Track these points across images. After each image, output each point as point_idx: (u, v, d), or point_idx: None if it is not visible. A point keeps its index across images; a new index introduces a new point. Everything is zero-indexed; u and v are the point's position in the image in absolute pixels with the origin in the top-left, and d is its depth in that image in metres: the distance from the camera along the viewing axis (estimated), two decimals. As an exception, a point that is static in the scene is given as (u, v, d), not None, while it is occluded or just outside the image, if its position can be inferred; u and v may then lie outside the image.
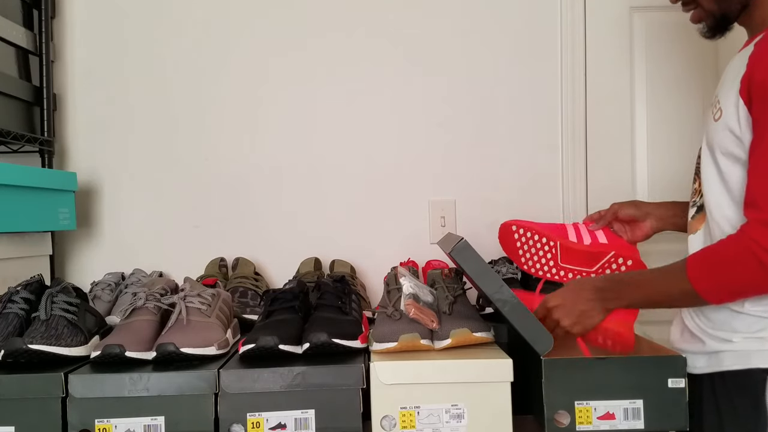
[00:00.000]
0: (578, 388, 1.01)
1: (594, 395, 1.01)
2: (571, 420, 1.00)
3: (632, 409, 1.01)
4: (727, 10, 1.04)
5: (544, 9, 1.70)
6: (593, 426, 1.00)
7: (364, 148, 1.71)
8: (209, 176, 1.71)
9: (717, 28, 1.07)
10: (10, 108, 1.51)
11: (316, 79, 1.70)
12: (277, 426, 0.99)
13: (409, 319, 1.09)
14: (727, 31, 1.07)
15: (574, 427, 1.00)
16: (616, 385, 1.01)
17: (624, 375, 1.01)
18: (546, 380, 1.01)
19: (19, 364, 1.03)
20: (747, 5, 1.02)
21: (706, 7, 1.05)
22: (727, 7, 1.03)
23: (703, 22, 1.08)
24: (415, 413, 1.01)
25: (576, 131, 1.70)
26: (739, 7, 1.03)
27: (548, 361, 1.01)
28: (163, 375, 0.99)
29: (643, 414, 1.00)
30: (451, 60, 1.71)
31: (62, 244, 1.70)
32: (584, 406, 1.01)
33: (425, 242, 1.70)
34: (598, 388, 1.01)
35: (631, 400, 1.01)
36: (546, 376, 1.01)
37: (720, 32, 1.07)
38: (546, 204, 1.71)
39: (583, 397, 1.01)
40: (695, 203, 1.09)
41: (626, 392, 1.01)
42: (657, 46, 1.71)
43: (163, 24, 1.71)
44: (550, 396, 1.01)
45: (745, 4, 1.02)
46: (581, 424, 1.00)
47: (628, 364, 1.02)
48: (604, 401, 1.01)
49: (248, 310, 1.39)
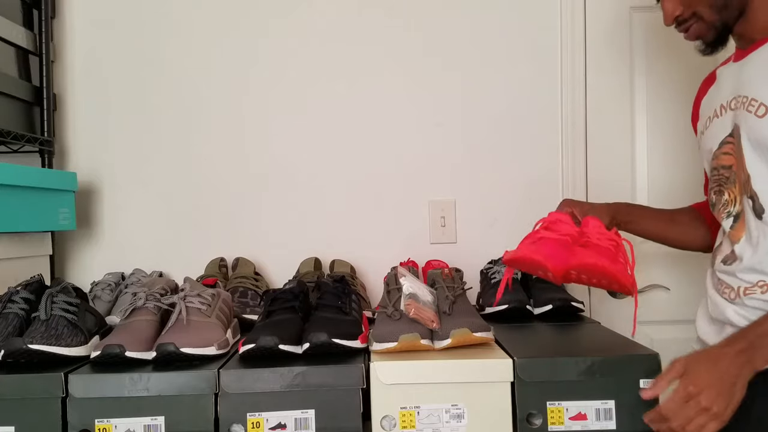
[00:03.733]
0: (550, 389, 1.01)
1: (566, 396, 1.01)
2: (543, 420, 1.00)
3: (604, 409, 1.00)
4: (728, 18, 1.04)
5: (544, 9, 1.70)
6: (565, 426, 1.00)
7: (365, 148, 1.71)
8: (209, 176, 1.71)
9: (717, 41, 1.07)
10: (10, 108, 1.51)
11: (316, 80, 1.71)
12: (277, 426, 0.99)
13: (409, 319, 1.09)
14: (726, 42, 1.07)
15: (546, 427, 1.00)
16: (589, 385, 1.01)
17: (596, 375, 1.01)
18: (518, 381, 1.01)
19: (19, 364, 1.03)
20: (743, 11, 1.03)
21: (707, 19, 1.04)
22: (727, 15, 1.03)
23: (701, 39, 1.07)
24: (415, 413, 1.01)
25: (576, 131, 1.70)
26: (737, 14, 1.03)
27: (520, 362, 1.01)
28: (163, 375, 0.99)
29: (615, 415, 1.00)
30: (450, 60, 1.71)
31: (62, 244, 1.70)
32: (556, 407, 1.00)
33: (425, 242, 1.70)
34: (570, 389, 1.01)
35: (603, 400, 1.00)
36: (517, 377, 1.01)
37: (721, 44, 1.07)
38: (546, 204, 1.70)
39: (554, 398, 1.01)
40: (729, 213, 1.07)
41: (598, 393, 1.01)
42: (657, 46, 1.71)
43: (164, 24, 1.71)
44: (522, 397, 1.00)
45: (742, 10, 1.03)
46: (553, 424, 1.00)
47: (600, 363, 1.01)
48: (576, 402, 1.01)
49: (248, 310, 1.39)
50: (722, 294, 1.08)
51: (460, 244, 1.71)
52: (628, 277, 1.05)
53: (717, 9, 1.03)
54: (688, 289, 1.67)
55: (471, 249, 1.69)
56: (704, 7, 1.04)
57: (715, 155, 1.09)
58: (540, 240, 1.10)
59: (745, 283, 1.03)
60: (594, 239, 1.08)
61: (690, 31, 1.07)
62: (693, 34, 1.08)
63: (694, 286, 1.65)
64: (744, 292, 1.03)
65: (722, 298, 1.08)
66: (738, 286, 1.04)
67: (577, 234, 1.10)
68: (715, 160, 1.09)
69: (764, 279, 1.00)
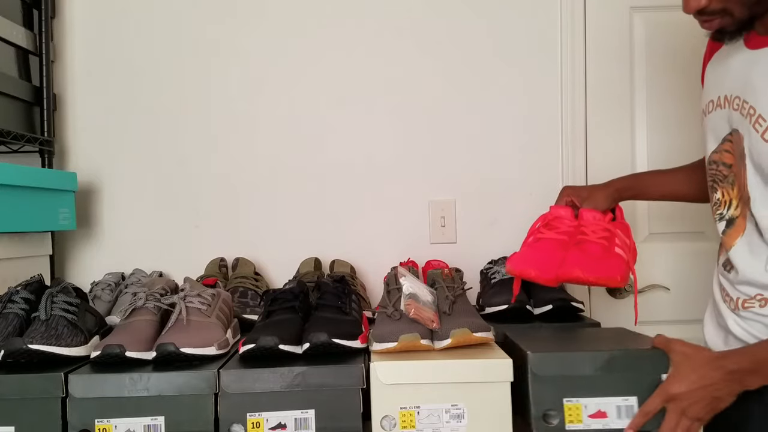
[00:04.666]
0: (567, 385, 0.97)
1: (584, 392, 0.97)
2: (560, 419, 0.96)
3: (625, 406, 0.97)
4: (758, 13, 0.95)
5: (544, 9, 1.71)
6: (584, 425, 0.96)
7: (364, 148, 1.71)
8: (209, 176, 1.71)
9: (737, 33, 0.99)
10: (10, 108, 1.51)
11: (315, 80, 1.71)
12: (277, 426, 0.99)
13: (409, 319, 1.09)
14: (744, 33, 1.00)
15: (563, 426, 0.96)
16: (607, 380, 0.96)
17: (615, 370, 0.97)
18: (532, 376, 0.97)
19: (19, 364, 1.03)
20: None
21: (737, 15, 0.95)
22: (758, 10, 0.95)
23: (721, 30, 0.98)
24: (415, 413, 1.01)
25: (576, 131, 1.70)
26: (766, 8, 0.95)
27: (534, 357, 0.98)
28: (163, 375, 0.99)
29: (637, 411, 0.96)
30: (451, 60, 1.71)
31: (62, 244, 1.70)
32: (574, 404, 0.97)
33: (425, 242, 1.70)
34: (589, 384, 0.97)
35: (624, 397, 0.97)
36: (531, 372, 0.97)
37: (738, 36, 1.00)
38: (546, 204, 1.71)
39: (572, 394, 0.97)
40: (722, 216, 1.04)
41: (618, 388, 0.96)
42: (657, 46, 1.71)
43: (163, 24, 1.71)
44: (537, 394, 0.97)
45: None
46: (571, 422, 0.96)
47: (620, 357, 0.98)
48: (595, 398, 0.97)
49: (248, 310, 1.39)
50: (724, 300, 1.07)
51: (460, 244, 1.71)
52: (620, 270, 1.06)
53: (749, 5, 0.94)
54: (688, 289, 1.67)
55: (471, 249, 1.69)
56: (736, 3, 0.94)
57: (718, 149, 1.05)
58: (539, 242, 1.13)
59: (743, 295, 1.01)
60: (589, 233, 1.12)
61: (713, 23, 0.98)
62: (715, 27, 0.98)
63: (694, 286, 1.66)
64: (743, 305, 1.01)
65: (725, 305, 1.06)
66: (737, 297, 1.03)
67: (575, 230, 1.11)
68: (717, 153, 1.05)
69: (762, 293, 0.99)
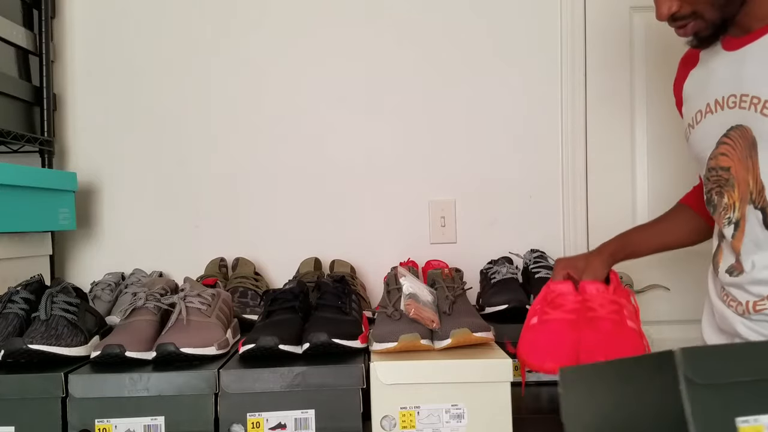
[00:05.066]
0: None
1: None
2: None
3: None
4: (729, 14, 0.97)
5: (544, 9, 1.70)
6: None
7: (364, 148, 1.71)
8: (209, 176, 1.71)
9: (712, 37, 1.01)
10: (10, 108, 1.51)
11: (315, 80, 1.70)
12: (277, 426, 0.99)
13: (409, 319, 1.09)
14: (720, 36, 1.02)
15: None
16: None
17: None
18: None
19: (19, 364, 1.03)
20: (744, 2, 0.97)
21: (708, 18, 0.97)
22: (729, 11, 0.97)
23: (697, 36, 1.01)
24: (415, 413, 1.01)
25: (576, 131, 1.70)
26: (738, 8, 0.98)
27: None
28: (163, 375, 0.99)
29: None
30: (451, 60, 1.71)
31: (62, 244, 1.70)
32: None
33: (425, 242, 1.70)
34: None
35: None
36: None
37: (715, 40, 1.02)
38: (546, 204, 1.71)
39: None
40: (730, 220, 1.03)
41: None
42: (657, 46, 1.71)
43: (164, 24, 1.71)
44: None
45: (743, 2, 0.97)
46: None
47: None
48: None
49: (248, 310, 1.39)
50: (729, 306, 1.05)
51: (460, 244, 1.71)
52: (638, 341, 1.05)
53: (719, 6, 0.97)
54: (688, 289, 1.67)
55: (471, 249, 1.69)
56: (705, 5, 0.97)
57: (713, 155, 1.05)
58: (546, 324, 1.09)
59: (754, 296, 1.00)
60: (598, 308, 1.08)
61: (687, 28, 1.00)
62: (689, 32, 1.01)
63: (694, 286, 1.65)
64: (754, 307, 1.00)
65: (730, 310, 1.05)
66: (747, 300, 1.01)
67: (581, 305, 1.09)
68: (713, 160, 1.05)
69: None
